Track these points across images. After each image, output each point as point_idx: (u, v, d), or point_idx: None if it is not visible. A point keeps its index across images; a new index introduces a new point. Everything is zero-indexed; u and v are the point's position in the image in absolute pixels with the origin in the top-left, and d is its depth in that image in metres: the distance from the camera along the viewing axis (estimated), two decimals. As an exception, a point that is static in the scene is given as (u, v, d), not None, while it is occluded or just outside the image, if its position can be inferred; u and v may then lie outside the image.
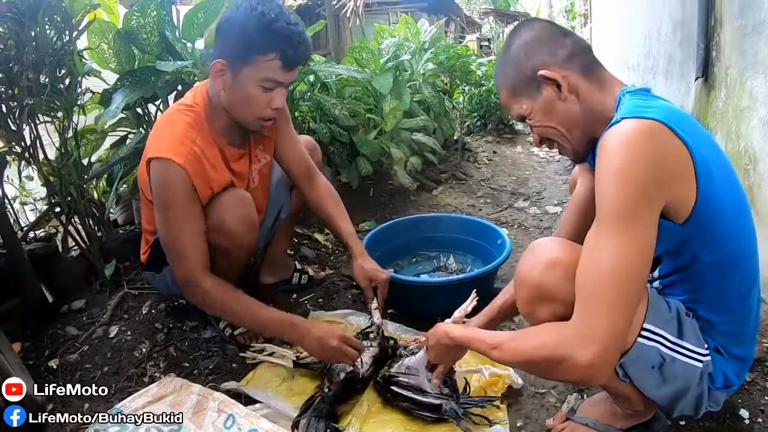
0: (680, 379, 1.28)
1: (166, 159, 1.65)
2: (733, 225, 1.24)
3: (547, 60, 1.32)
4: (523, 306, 1.40)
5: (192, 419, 1.63)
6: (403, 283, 2.22)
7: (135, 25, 2.29)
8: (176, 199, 1.68)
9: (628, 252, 1.11)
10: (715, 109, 2.72)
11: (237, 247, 1.83)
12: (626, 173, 1.11)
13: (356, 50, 3.43)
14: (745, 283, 1.30)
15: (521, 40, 1.37)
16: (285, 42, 1.58)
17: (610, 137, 1.16)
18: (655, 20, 3.94)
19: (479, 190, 3.86)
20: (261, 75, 1.61)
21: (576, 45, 1.34)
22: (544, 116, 1.35)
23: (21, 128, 2.20)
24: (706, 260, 1.24)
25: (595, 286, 1.12)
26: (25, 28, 2.04)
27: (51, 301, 2.35)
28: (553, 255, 1.32)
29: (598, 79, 1.33)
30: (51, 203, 2.39)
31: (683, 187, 1.16)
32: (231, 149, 1.85)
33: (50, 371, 2.02)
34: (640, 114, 1.15)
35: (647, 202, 1.12)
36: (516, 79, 1.37)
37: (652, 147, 1.12)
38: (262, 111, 1.69)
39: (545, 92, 1.33)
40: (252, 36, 1.59)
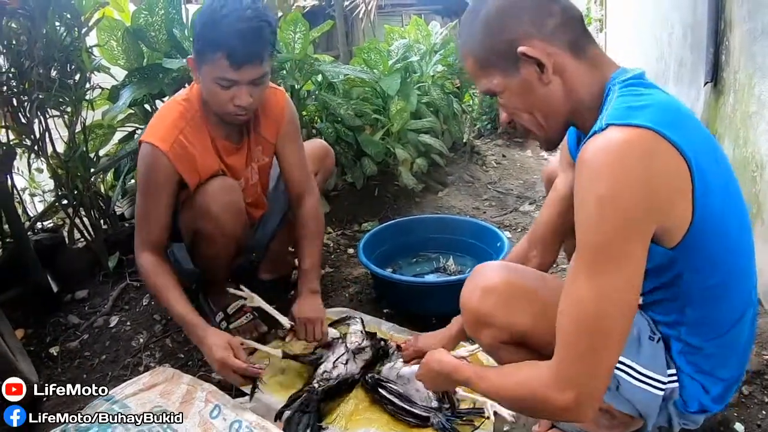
0: (639, 403, 1.19)
1: (151, 144, 1.75)
2: (729, 247, 1.09)
3: (529, 31, 1.08)
4: (467, 329, 1.41)
5: (180, 408, 1.67)
6: (397, 282, 2.25)
7: (143, 22, 2.35)
8: (152, 180, 1.78)
9: (614, 292, 0.96)
10: (723, 114, 2.69)
11: (222, 234, 1.88)
12: (612, 201, 0.94)
13: (365, 51, 3.47)
14: (738, 306, 1.15)
15: (499, 3, 1.11)
16: (231, 40, 1.57)
17: (592, 151, 0.97)
18: (667, 24, 3.93)
19: (485, 193, 3.87)
20: (214, 74, 1.64)
21: (566, 14, 1.10)
22: (519, 99, 1.14)
23: (31, 122, 2.27)
24: (694, 284, 1.10)
25: (576, 329, 1.00)
26: (36, 25, 2.10)
27: (55, 290, 2.41)
28: (491, 281, 1.30)
29: (588, 59, 1.11)
30: (58, 195, 2.46)
31: (678, 209, 1.00)
32: (224, 142, 1.90)
33: (50, 358, 2.10)
34: (629, 119, 0.97)
35: (636, 234, 0.96)
36: (488, 49, 1.12)
37: (644, 167, 0.94)
38: (226, 107, 1.71)
39: (524, 71, 1.10)
40: (203, 34, 1.63)
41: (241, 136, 1.95)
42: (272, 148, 2.03)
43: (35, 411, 1.69)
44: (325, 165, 2.34)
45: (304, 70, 2.87)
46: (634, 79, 1.08)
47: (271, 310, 1.92)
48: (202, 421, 1.62)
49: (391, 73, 3.40)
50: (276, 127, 2.00)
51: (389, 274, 2.27)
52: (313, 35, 2.92)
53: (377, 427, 1.68)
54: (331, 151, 2.39)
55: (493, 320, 1.29)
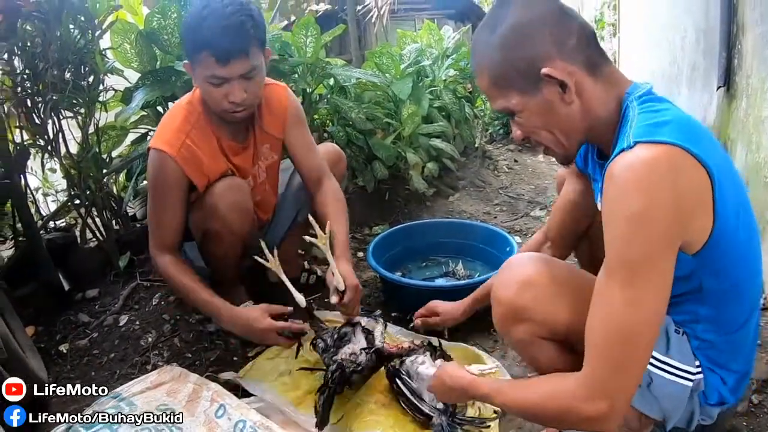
0: (669, 398, 1.21)
1: (160, 150, 1.79)
2: (742, 253, 1.13)
3: (551, 51, 1.07)
4: (498, 324, 1.37)
5: (186, 407, 1.68)
6: (404, 285, 2.26)
7: (156, 26, 2.37)
8: (162, 185, 1.82)
9: (644, 304, 1.00)
10: (736, 119, 2.67)
11: (229, 233, 1.91)
12: (644, 219, 0.97)
13: (377, 55, 3.49)
14: (747, 305, 1.20)
15: (518, 19, 1.10)
16: (213, 37, 1.61)
17: (623, 168, 0.99)
18: (680, 28, 3.91)
19: (496, 197, 3.86)
20: (204, 73, 1.68)
21: (582, 31, 1.11)
22: (539, 118, 1.14)
23: (45, 122, 2.31)
24: (711, 287, 1.14)
25: (609, 341, 1.02)
26: (51, 27, 2.14)
27: (67, 288, 2.44)
28: (529, 274, 1.29)
29: (604, 77, 1.13)
30: (71, 195, 2.49)
31: (702, 220, 1.03)
32: (230, 142, 1.93)
33: (60, 355, 2.12)
34: (655, 136, 0.99)
35: (665, 248, 1.00)
36: (507, 67, 1.11)
37: (672, 183, 0.96)
38: (221, 104, 1.74)
39: (546, 92, 1.10)
40: (189, 37, 1.69)
41: (246, 135, 1.98)
42: (280, 144, 2.05)
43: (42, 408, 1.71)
44: (337, 169, 2.34)
45: (315, 73, 2.89)
46: (647, 94, 1.10)
47: (289, 285, 1.85)
48: (207, 420, 1.63)
49: (403, 77, 3.41)
50: (281, 123, 2.02)
51: (397, 278, 2.28)
52: (324, 39, 2.94)
53: (382, 429, 1.68)
54: (343, 155, 2.40)
55: (531, 314, 1.28)
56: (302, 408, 1.75)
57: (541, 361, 1.37)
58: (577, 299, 1.25)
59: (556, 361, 1.33)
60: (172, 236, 1.88)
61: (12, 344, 1.74)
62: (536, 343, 1.33)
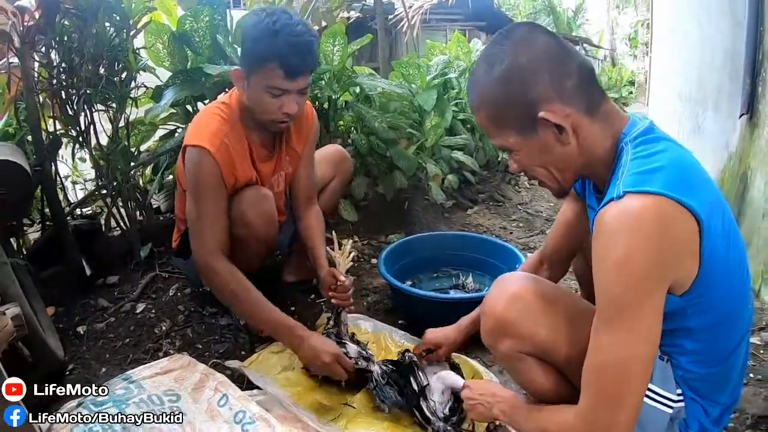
0: (647, 423, 1.21)
1: (201, 147, 1.82)
2: (730, 289, 1.14)
3: (549, 94, 1.08)
4: (486, 337, 1.41)
5: (191, 394, 1.76)
6: (411, 294, 2.29)
7: (188, 28, 2.47)
8: (205, 183, 1.85)
9: (634, 344, 1.04)
10: (757, 148, 2.63)
11: (256, 240, 1.98)
12: (629, 264, 1.00)
13: (403, 65, 3.55)
14: (735, 338, 1.21)
15: (516, 60, 1.10)
16: (286, 52, 1.69)
17: (611, 218, 1.03)
18: (708, 51, 3.84)
19: (514, 213, 3.88)
20: (266, 82, 1.75)
21: (581, 71, 1.11)
22: (535, 157, 1.17)
23: (77, 114, 2.42)
24: (698, 324, 1.15)
25: (601, 381, 1.07)
26: (87, 24, 2.25)
27: (89, 273, 2.54)
28: (518, 289, 1.33)
29: (601, 115, 1.14)
30: (98, 185, 2.60)
31: (688, 263, 1.06)
32: (259, 149, 2.01)
33: (77, 336, 2.22)
34: (644, 186, 1.01)
35: (652, 293, 1.03)
36: (505, 107, 1.13)
37: (660, 233, 1.00)
38: (274, 115, 1.82)
39: (542, 134, 1.12)
40: (258, 46, 1.73)
41: (274, 146, 2.06)
42: (298, 159, 2.14)
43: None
44: (342, 169, 2.42)
45: (342, 81, 2.95)
46: (644, 134, 1.11)
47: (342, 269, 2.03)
48: (209, 407, 1.70)
49: (429, 88, 3.47)
50: (305, 140, 2.12)
51: (404, 286, 2.31)
52: (352, 48, 3.01)
53: (376, 430, 1.72)
54: (347, 156, 2.47)
55: (517, 329, 1.31)
56: (302, 403, 1.80)
57: (524, 378, 1.40)
58: (563, 319, 1.31)
59: (540, 379, 1.36)
60: (223, 235, 1.87)
61: (34, 323, 1.83)
62: (521, 359, 1.36)
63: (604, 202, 1.07)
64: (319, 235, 2.15)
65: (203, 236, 1.85)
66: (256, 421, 1.62)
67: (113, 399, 1.71)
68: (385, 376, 1.78)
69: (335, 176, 2.40)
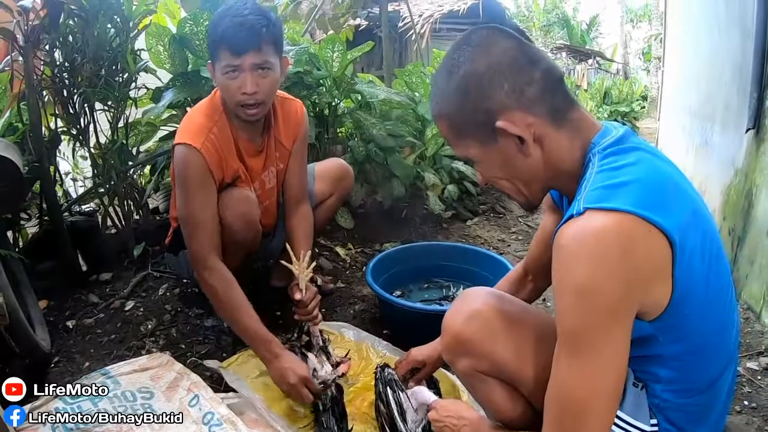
0: None
1: (186, 144, 1.86)
2: (709, 313, 1.06)
3: (508, 102, 1.02)
4: (444, 353, 1.39)
5: (165, 392, 1.79)
6: (393, 304, 2.29)
7: (188, 31, 2.51)
8: (194, 180, 1.87)
9: (593, 376, 0.96)
10: (763, 164, 2.60)
11: (233, 243, 1.98)
12: (590, 291, 0.92)
13: (407, 74, 3.57)
14: (716, 367, 1.11)
15: (474, 66, 1.04)
16: (230, 31, 1.76)
17: (569, 238, 0.95)
18: (718, 66, 3.80)
19: (514, 225, 3.88)
20: (221, 65, 1.81)
21: (547, 78, 1.04)
22: (498, 168, 1.12)
23: (78, 113, 2.47)
24: (672, 352, 1.07)
25: (560, 412, 1.01)
26: (90, 25, 2.30)
27: (84, 269, 2.60)
28: (477, 306, 1.29)
29: (569, 124, 1.06)
30: (95, 183, 2.65)
31: (659, 288, 0.97)
32: (247, 144, 2.03)
33: (66, 330, 2.27)
34: (607, 202, 0.94)
35: (615, 321, 0.95)
36: (464, 117, 1.07)
37: (622, 254, 0.91)
38: (236, 96, 1.84)
39: (503, 143, 1.06)
40: (211, 35, 1.85)
41: (262, 140, 2.08)
42: (288, 155, 2.15)
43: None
44: (342, 186, 2.41)
45: (341, 88, 2.98)
46: (615, 144, 1.04)
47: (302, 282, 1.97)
48: (180, 406, 1.73)
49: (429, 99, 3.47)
50: (294, 136, 2.13)
51: (388, 296, 2.31)
52: (353, 55, 3.04)
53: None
54: (350, 172, 2.47)
55: (474, 346, 1.27)
56: (274, 408, 1.82)
57: (482, 397, 1.38)
58: (528, 340, 1.25)
59: (500, 400, 1.33)
60: (216, 234, 1.89)
61: (17, 314, 1.86)
62: (479, 378, 1.33)
63: (564, 219, 0.99)
64: (302, 237, 2.13)
65: (197, 234, 1.87)
66: (224, 423, 1.65)
67: (88, 396, 1.74)
68: (330, 401, 1.76)
69: (333, 193, 2.40)
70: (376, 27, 6.57)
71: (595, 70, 18.94)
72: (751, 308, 2.51)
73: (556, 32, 23.26)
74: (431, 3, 10.31)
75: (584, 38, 22.05)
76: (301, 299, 1.92)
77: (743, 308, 2.56)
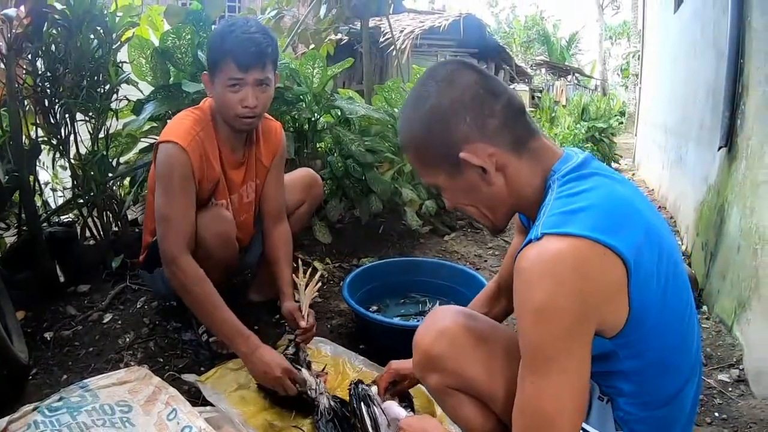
0: None
1: (173, 142, 1.89)
2: (668, 331, 1.11)
3: (470, 135, 1.09)
4: (416, 369, 1.41)
5: (143, 406, 1.78)
6: (369, 320, 2.31)
7: (170, 45, 2.53)
8: (177, 178, 1.90)
9: (555, 394, 1.00)
10: (734, 181, 2.65)
11: (211, 261, 1.98)
12: (547, 314, 0.97)
13: (386, 90, 3.61)
14: (675, 384, 1.16)
15: (438, 100, 1.11)
16: (237, 47, 1.83)
17: (528, 262, 0.99)
18: (693, 86, 3.88)
19: (491, 241, 3.92)
20: (224, 77, 1.86)
21: (508, 110, 1.11)
22: (463, 196, 1.18)
23: (59, 123, 2.47)
24: (632, 367, 1.11)
25: (528, 427, 1.04)
26: (72, 35, 2.31)
27: (62, 280, 2.58)
28: (447, 324, 1.32)
29: (530, 153, 1.13)
30: (74, 194, 2.64)
31: (616, 307, 1.02)
32: (229, 155, 2.07)
33: (44, 341, 2.25)
34: (563, 227, 0.99)
35: (573, 340, 0.99)
36: (429, 149, 1.14)
37: (578, 277, 0.96)
38: (235, 109, 1.90)
39: (467, 174, 1.12)
40: (215, 47, 1.90)
41: (244, 153, 2.12)
42: (266, 172, 2.20)
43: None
44: (312, 193, 2.47)
45: (321, 103, 3.01)
46: (574, 171, 1.10)
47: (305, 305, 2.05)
48: (159, 421, 1.72)
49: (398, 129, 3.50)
50: (272, 155, 2.19)
51: (364, 311, 2.32)
52: (333, 71, 3.07)
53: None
54: (318, 180, 2.52)
55: (443, 363, 1.31)
56: (252, 423, 1.83)
57: (454, 413, 1.40)
58: (497, 359, 1.28)
59: (470, 416, 1.36)
60: (190, 230, 1.91)
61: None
62: (450, 394, 1.36)
63: (524, 243, 1.04)
64: (284, 257, 2.19)
65: (171, 230, 1.88)
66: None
67: (67, 405, 1.73)
68: (330, 411, 1.79)
69: (305, 201, 2.44)
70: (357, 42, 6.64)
71: (573, 86, 19.23)
72: (723, 322, 2.56)
73: (536, 48, 23.62)
74: (412, 19, 10.44)
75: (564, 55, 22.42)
76: (305, 327, 2.02)
77: (715, 322, 2.61)
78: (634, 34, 16.27)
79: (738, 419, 1.94)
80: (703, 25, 3.67)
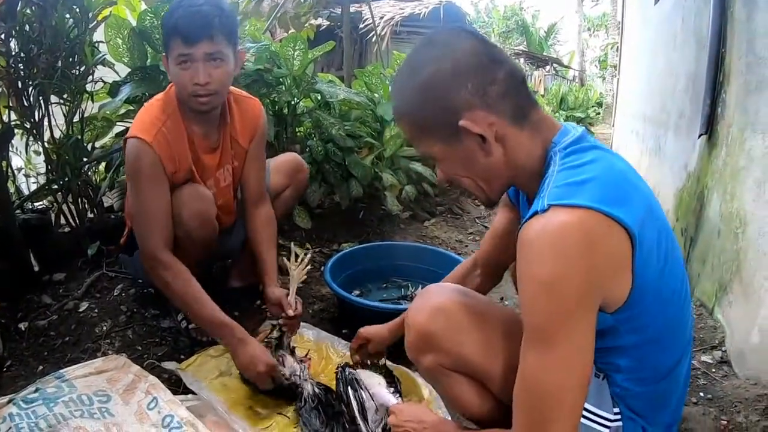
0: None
1: (138, 138, 1.84)
2: (665, 307, 1.10)
3: (471, 101, 1.04)
4: (409, 350, 1.38)
5: (122, 395, 1.75)
6: (352, 303, 2.32)
7: (148, 24, 2.46)
8: (145, 174, 1.85)
9: (560, 368, 0.98)
10: (714, 168, 2.67)
11: (190, 241, 1.95)
12: (555, 286, 0.94)
13: (367, 74, 3.58)
14: (671, 357, 1.16)
15: (438, 65, 1.06)
16: (181, 20, 1.76)
17: (533, 234, 0.97)
18: (672, 75, 3.91)
19: (472, 226, 3.92)
20: (174, 56, 1.80)
21: (510, 79, 1.07)
22: (460, 167, 1.13)
23: (33, 105, 2.39)
24: (631, 342, 1.10)
25: (529, 404, 1.02)
26: (47, 14, 2.23)
27: (36, 269, 2.51)
28: (442, 301, 1.30)
29: (530, 124, 1.09)
30: (48, 179, 2.57)
31: (620, 281, 1.01)
32: (201, 140, 2.00)
33: (19, 332, 2.19)
34: (570, 199, 0.96)
35: (579, 314, 0.97)
36: (427, 116, 1.08)
37: (586, 249, 0.94)
38: (188, 87, 1.82)
39: (466, 143, 1.08)
40: (165, 26, 1.83)
41: (217, 137, 2.05)
42: (244, 154, 2.13)
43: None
44: (297, 179, 2.42)
45: (301, 87, 2.96)
46: (574, 143, 1.07)
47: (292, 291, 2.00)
48: (139, 410, 1.69)
49: (391, 98, 3.49)
50: (250, 134, 2.11)
51: (347, 295, 2.32)
52: (314, 54, 3.03)
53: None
54: (304, 165, 2.46)
55: (440, 341, 1.28)
56: (235, 410, 1.80)
57: (449, 394, 1.39)
58: (494, 336, 1.27)
59: (467, 396, 1.35)
60: (168, 226, 1.87)
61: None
62: (445, 374, 1.34)
63: (528, 215, 1.01)
64: (267, 240, 2.13)
65: (150, 230, 1.85)
66: (184, 426, 1.62)
67: (43, 397, 1.69)
68: (315, 399, 1.77)
69: (289, 185, 2.39)
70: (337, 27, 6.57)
71: (552, 77, 19.36)
72: (704, 305, 2.60)
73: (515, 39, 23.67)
74: (392, 6, 10.37)
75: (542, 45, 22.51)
76: (291, 314, 1.96)
77: (696, 305, 2.63)
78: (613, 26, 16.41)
79: (723, 399, 1.96)
80: (684, 16, 3.69)
